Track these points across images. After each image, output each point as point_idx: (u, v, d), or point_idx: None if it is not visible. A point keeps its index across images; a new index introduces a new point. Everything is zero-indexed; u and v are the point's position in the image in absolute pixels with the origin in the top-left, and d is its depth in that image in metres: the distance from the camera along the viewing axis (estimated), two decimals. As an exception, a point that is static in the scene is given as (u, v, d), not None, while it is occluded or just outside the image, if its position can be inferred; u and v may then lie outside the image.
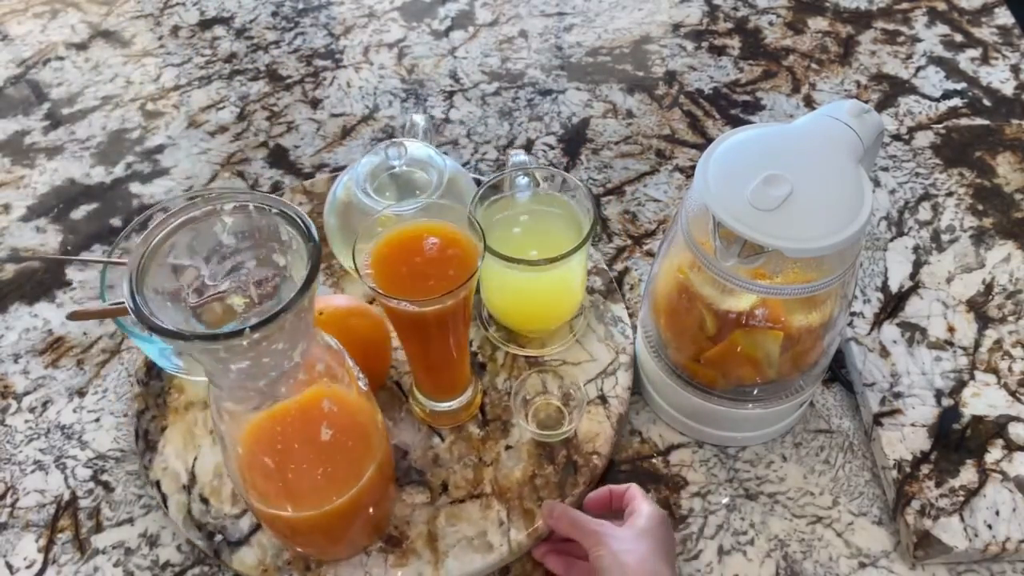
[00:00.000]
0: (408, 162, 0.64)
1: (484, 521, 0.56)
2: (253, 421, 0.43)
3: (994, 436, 0.60)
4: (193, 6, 1.02)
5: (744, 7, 0.99)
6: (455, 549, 0.55)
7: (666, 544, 0.51)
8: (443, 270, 0.50)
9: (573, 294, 0.64)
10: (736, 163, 0.50)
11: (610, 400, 0.63)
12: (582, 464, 0.59)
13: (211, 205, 0.39)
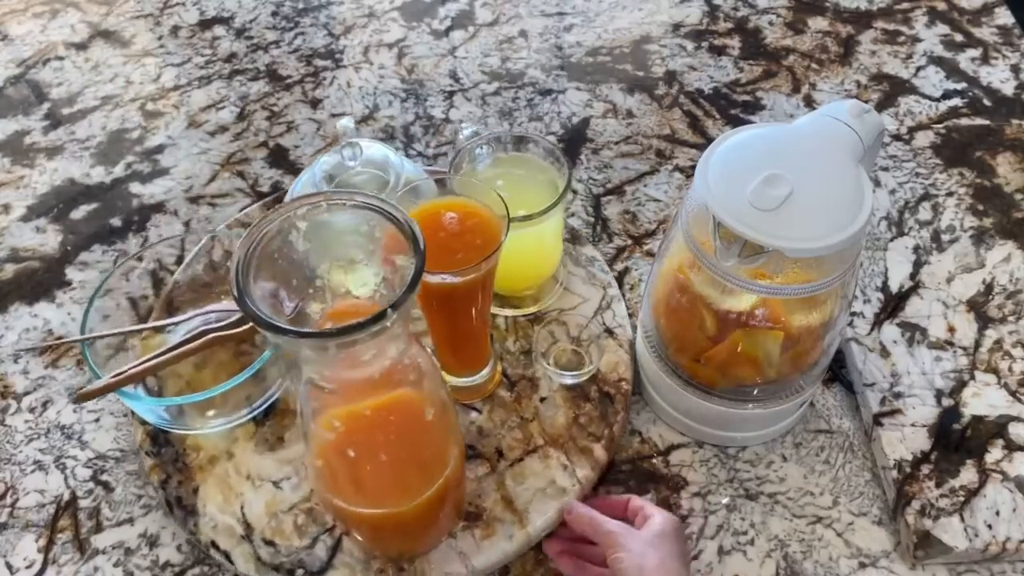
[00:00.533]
0: (364, 163, 0.64)
1: (548, 470, 0.59)
2: (348, 419, 0.44)
3: (994, 436, 0.60)
4: (193, 6, 1.02)
5: (744, 7, 0.99)
6: (532, 504, 0.57)
7: (682, 548, 0.52)
8: (469, 242, 0.52)
9: (556, 246, 0.67)
10: (736, 163, 0.50)
11: (615, 331, 0.67)
12: (615, 393, 0.63)
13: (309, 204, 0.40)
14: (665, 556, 0.50)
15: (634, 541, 0.50)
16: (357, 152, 0.63)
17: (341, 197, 0.40)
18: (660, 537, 0.51)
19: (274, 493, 0.58)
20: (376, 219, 0.39)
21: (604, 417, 0.61)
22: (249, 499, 0.58)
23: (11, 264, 0.76)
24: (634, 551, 0.50)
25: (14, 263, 0.76)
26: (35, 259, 0.76)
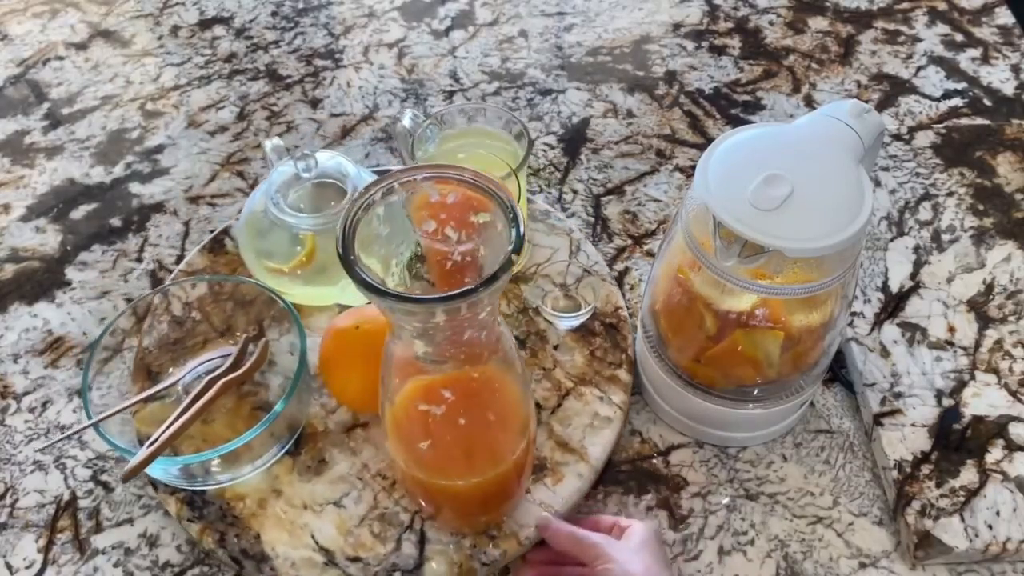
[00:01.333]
0: (320, 174, 0.64)
1: (588, 406, 0.62)
2: (456, 387, 0.46)
3: (995, 436, 0.60)
4: (193, 6, 1.02)
5: (744, 7, 0.99)
6: (586, 440, 0.60)
7: (664, 553, 0.52)
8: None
9: (522, 209, 0.68)
10: (736, 163, 0.50)
11: (593, 270, 0.69)
12: (616, 321, 0.67)
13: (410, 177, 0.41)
14: (650, 562, 0.50)
15: (619, 551, 0.50)
16: (311, 164, 0.63)
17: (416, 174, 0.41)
18: (642, 544, 0.51)
19: (338, 512, 0.57)
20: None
21: (616, 344, 0.65)
22: (316, 526, 0.57)
23: (11, 264, 0.76)
24: (620, 560, 0.49)
25: (14, 263, 0.76)
26: (35, 259, 0.76)
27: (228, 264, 0.71)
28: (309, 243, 0.64)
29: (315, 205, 0.64)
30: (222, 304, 0.64)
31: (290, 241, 0.64)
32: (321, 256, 0.64)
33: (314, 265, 0.64)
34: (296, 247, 0.64)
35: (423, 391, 0.47)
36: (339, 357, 0.60)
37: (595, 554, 0.50)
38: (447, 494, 0.52)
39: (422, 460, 0.49)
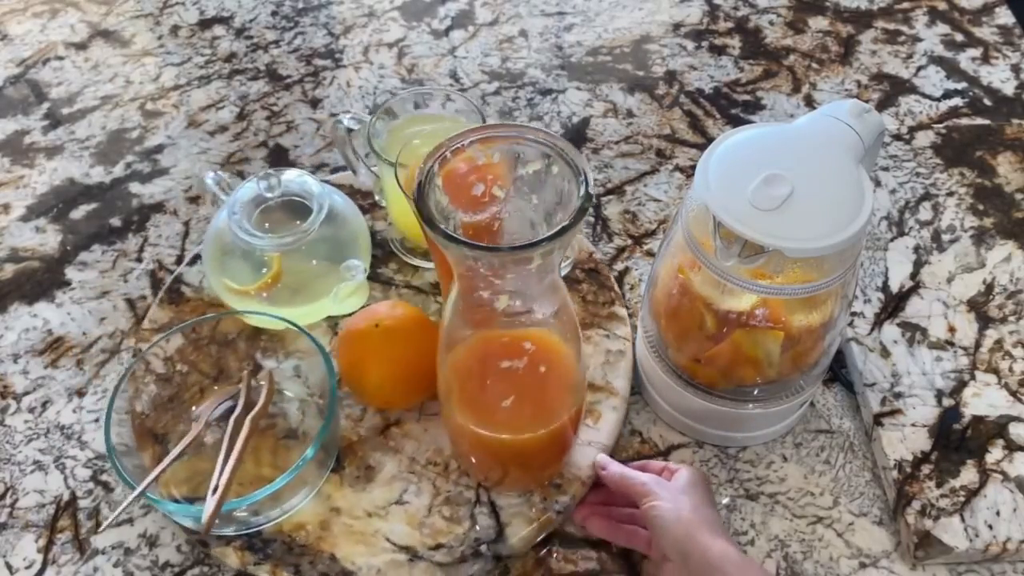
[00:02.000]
0: (285, 192, 0.63)
1: (598, 346, 0.65)
2: (537, 341, 0.49)
3: (995, 436, 0.60)
4: (193, 6, 1.02)
5: (744, 7, 0.99)
6: (608, 374, 0.63)
7: (711, 496, 0.54)
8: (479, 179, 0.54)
9: None
10: (736, 163, 0.50)
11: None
12: (594, 266, 0.70)
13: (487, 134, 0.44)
14: (698, 502, 0.51)
15: (667, 490, 0.52)
16: (275, 183, 0.63)
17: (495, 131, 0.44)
18: (691, 485, 0.52)
19: (404, 509, 0.57)
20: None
21: (602, 285, 0.69)
22: (387, 529, 0.56)
23: (11, 264, 0.76)
24: (668, 499, 0.51)
25: (14, 263, 0.76)
26: (35, 259, 0.76)
27: (193, 310, 0.69)
28: (275, 264, 0.63)
29: (281, 224, 0.63)
30: (205, 350, 0.61)
31: (255, 262, 0.63)
32: (288, 277, 0.63)
33: (281, 286, 0.63)
34: (262, 268, 0.63)
35: (503, 348, 0.50)
36: (367, 358, 0.59)
37: (645, 492, 0.52)
38: (518, 451, 0.53)
39: (500, 418, 0.51)
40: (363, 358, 0.59)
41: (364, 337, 0.59)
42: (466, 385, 0.51)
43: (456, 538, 0.56)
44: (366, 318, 0.60)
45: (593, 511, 0.57)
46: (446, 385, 0.52)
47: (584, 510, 0.58)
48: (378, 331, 0.59)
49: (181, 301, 0.69)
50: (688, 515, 0.50)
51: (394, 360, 0.59)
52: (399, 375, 0.59)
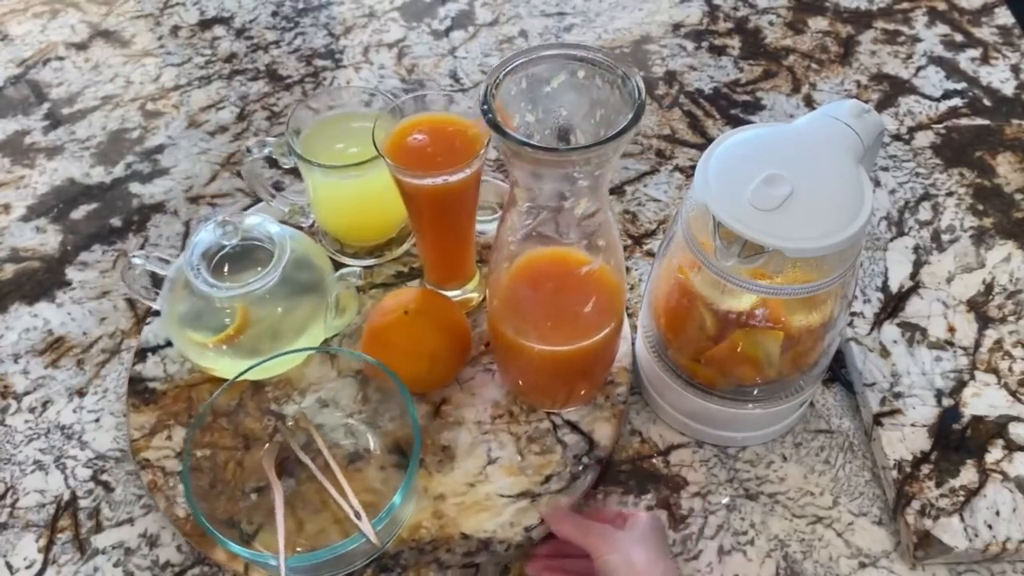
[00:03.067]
0: (245, 237, 0.59)
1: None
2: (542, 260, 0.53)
3: (994, 436, 0.60)
4: (193, 6, 1.02)
5: (744, 7, 0.99)
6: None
7: (665, 544, 0.52)
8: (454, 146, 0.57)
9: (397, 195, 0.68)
10: (736, 163, 0.50)
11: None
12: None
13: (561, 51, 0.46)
14: (653, 555, 0.50)
15: (621, 541, 0.50)
16: (231, 231, 0.59)
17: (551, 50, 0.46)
18: (646, 535, 0.51)
19: (499, 465, 0.60)
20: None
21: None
22: (495, 487, 0.59)
23: (11, 264, 0.76)
24: (622, 551, 0.49)
25: (14, 263, 0.76)
26: (35, 259, 0.76)
27: (175, 399, 0.63)
28: (239, 314, 0.60)
29: (244, 270, 0.59)
30: (217, 426, 0.57)
31: (218, 313, 0.60)
32: (253, 327, 0.60)
33: (246, 337, 0.60)
34: (225, 319, 0.60)
35: (559, 266, 0.53)
36: (405, 346, 0.59)
37: (597, 545, 0.50)
38: (579, 360, 0.57)
39: (562, 332, 0.55)
40: (401, 347, 0.59)
41: (397, 326, 0.60)
42: (526, 307, 0.55)
43: (558, 463, 0.59)
44: (393, 308, 0.61)
45: (547, 565, 0.56)
46: (506, 312, 0.56)
47: (537, 564, 0.56)
48: (408, 318, 0.60)
49: (157, 398, 0.64)
50: (641, 568, 0.48)
51: (429, 344, 0.60)
52: (436, 358, 0.60)
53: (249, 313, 0.60)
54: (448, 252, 0.65)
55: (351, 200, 0.68)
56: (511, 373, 0.62)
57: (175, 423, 0.62)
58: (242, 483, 0.58)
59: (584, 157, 0.44)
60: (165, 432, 0.61)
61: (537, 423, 0.62)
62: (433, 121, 0.59)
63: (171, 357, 0.66)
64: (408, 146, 0.58)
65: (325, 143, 0.66)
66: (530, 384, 0.61)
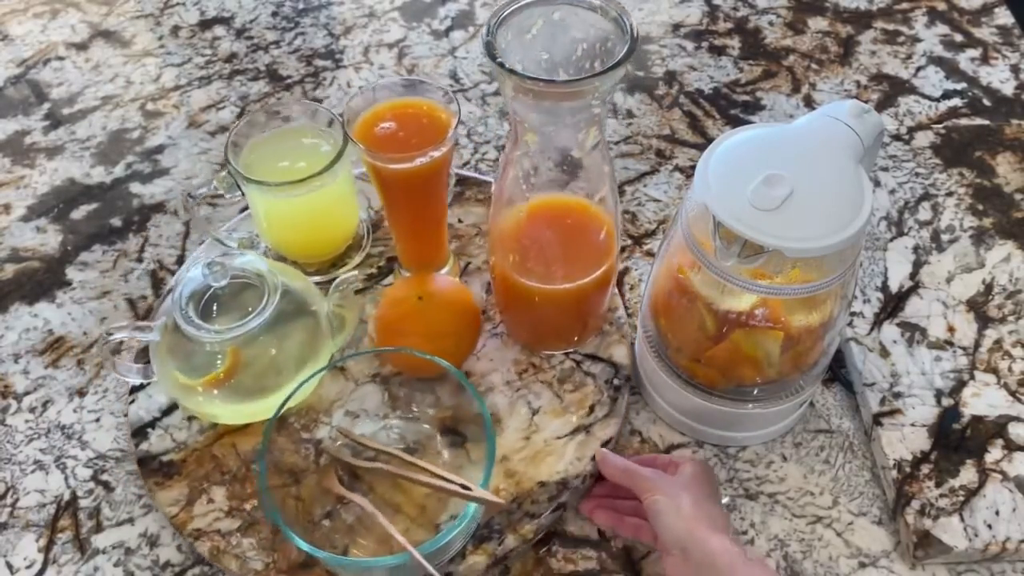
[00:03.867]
0: (234, 276, 0.58)
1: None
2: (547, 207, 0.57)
3: (994, 436, 0.60)
4: (193, 6, 1.02)
5: (744, 7, 0.99)
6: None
7: (714, 489, 0.54)
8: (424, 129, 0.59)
9: (352, 196, 0.69)
10: (736, 163, 0.50)
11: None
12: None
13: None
14: (700, 496, 0.51)
15: (669, 485, 0.52)
16: (219, 272, 0.57)
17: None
18: (693, 479, 0.53)
19: (541, 412, 0.63)
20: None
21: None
22: (548, 432, 0.61)
23: (11, 264, 0.76)
24: (670, 493, 0.51)
25: (14, 263, 0.76)
26: (35, 259, 0.76)
27: (198, 462, 0.61)
28: (229, 356, 0.58)
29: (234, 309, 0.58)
30: (281, 454, 0.56)
31: (208, 355, 0.58)
32: (245, 369, 0.58)
33: (237, 379, 0.58)
34: (216, 360, 0.58)
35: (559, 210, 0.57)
36: (426, 331, 0.60)
37: (646, 487, 0.52)
38: (580, 298, 0.60)
39: (562, 268, 0.58)
40: (417, 333, 0.60)
41: (412, 314, 0.61)
42: (534, 252, 0.58)
43: (594, 392, 0.63)
44: (401, 297, 0.62)
45: (599, 503, 0.58)
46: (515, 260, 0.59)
47: (590, 503, 0.58)
48: (422, 303, 0.61)
49: (179, 468, 0.61)
50: (688, 510, 0.50)
51: (449, 324, 0.61)
52: (460, 335, 0.61)
53: (242, 354, 0.58)
54: (423, 236, 0.67)
55: (304, 217, 0.67)
56: (522, 325, 0.66)
57: (210, 484, 0.59)
58: (309, 514, 0.57)
59: (591, 87, 0.46)
60: (204, 497, 0.59)
61: (560, 366, 0.65)
62: (401, 106, 0.61)
63: (174, 425, 0.63)
64: (378, 133, 0.59)
65: (267, 163, 0.65)
66: (543, 330, 0.65)
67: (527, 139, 0.52)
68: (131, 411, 0.64)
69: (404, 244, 0.68)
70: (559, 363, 0.65)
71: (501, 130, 0.85)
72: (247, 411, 0.60)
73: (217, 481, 0.60)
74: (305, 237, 0.70)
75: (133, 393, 0.64)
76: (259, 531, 0.57)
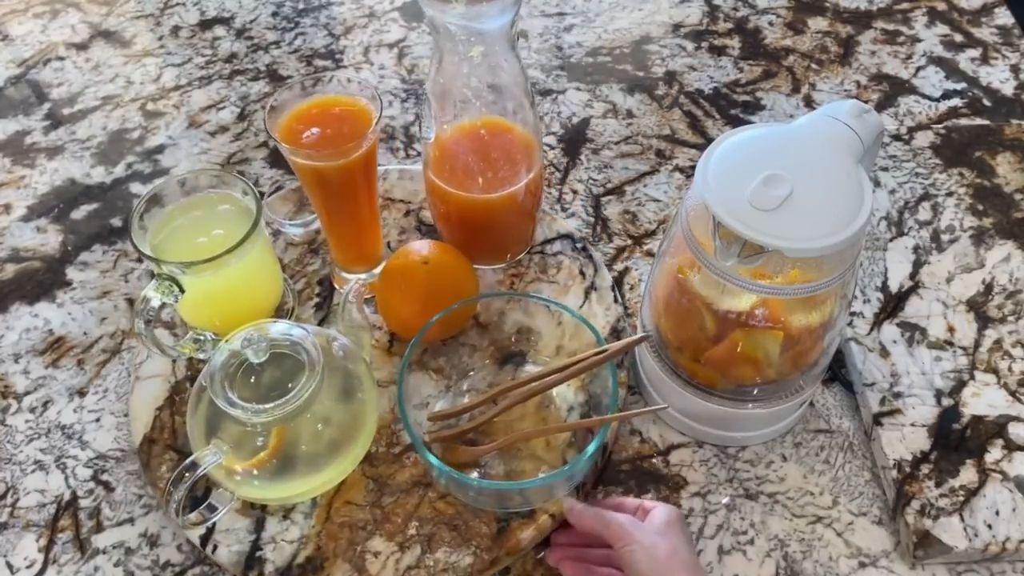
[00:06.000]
0: (273, 347, 0.54)
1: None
2: (466, 130, 0.62)
3: (994, 436, 0.60)
4: (193, 6, 1.02)
5: (744, 7, 0.99)
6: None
7: (688, 536, 0.52)
8: (339, 130, 0.60)
9: (274, 265, 0.67)
10: (736, 163, 0.50)
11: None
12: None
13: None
14: (675, 544, 0.50)
15: (643, 532, 0.50)
16: (260, 348, 0.53)
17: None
18: (667, 526, 0.51)
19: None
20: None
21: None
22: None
23: (11, 264, 0.76)
24: (644, 542, 0.49)
25: (14, 263, 0.76)
26: (35, 259, 0.76)
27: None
28: (274, 436, 0.54)
29: (269, 384, 0.54)
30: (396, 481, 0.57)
31: (248, 435, 0.54)
32: (287, 448, 0.54)
33: (278, 460, 0.54)
34: (257, 440, 0.54)
35: (479, 124, 0.62)
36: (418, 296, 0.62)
37: (620, 535, 0.50)
38: (498, 213, 0.65)
39: (475, 180, 0.63)
40: (414, 295, 0.62)
41: (413, 275, 0.63)
42: (463, 165, 0.63)
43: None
44: (408, 256, 0.64)
45: (566, 554, 0.55)
46: (447, 173, 0.63)
47: (557, 553, 0.56)
48: (427, 268, 0.63)
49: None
50: (664, 559, 0.48)
51: (442, 293, 0.62)
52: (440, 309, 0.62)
53: (284, 437, 0.54)
54: (356, 231, 0.67)
55: (222, 292, 0.62)
56: (458, 235, 0.69)
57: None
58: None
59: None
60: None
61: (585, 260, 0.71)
62: (322, 104, 0.61)
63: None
64: (301, 133, 0.60)
65: (177, 242, 0.60)
66: (476, 243, 0.68)
67: (446, 62, 0.57)
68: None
69: (336, 241, 0.68)
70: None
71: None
72: (299, 489, 0.55)
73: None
74: (225, 311, 0.63)
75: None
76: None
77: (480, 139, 0.63)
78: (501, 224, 0.68)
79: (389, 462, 0.60)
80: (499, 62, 0.58)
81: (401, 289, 0.64)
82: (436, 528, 0.57)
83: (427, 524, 0.57)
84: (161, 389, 0.65)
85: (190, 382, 0.65)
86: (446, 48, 0.56)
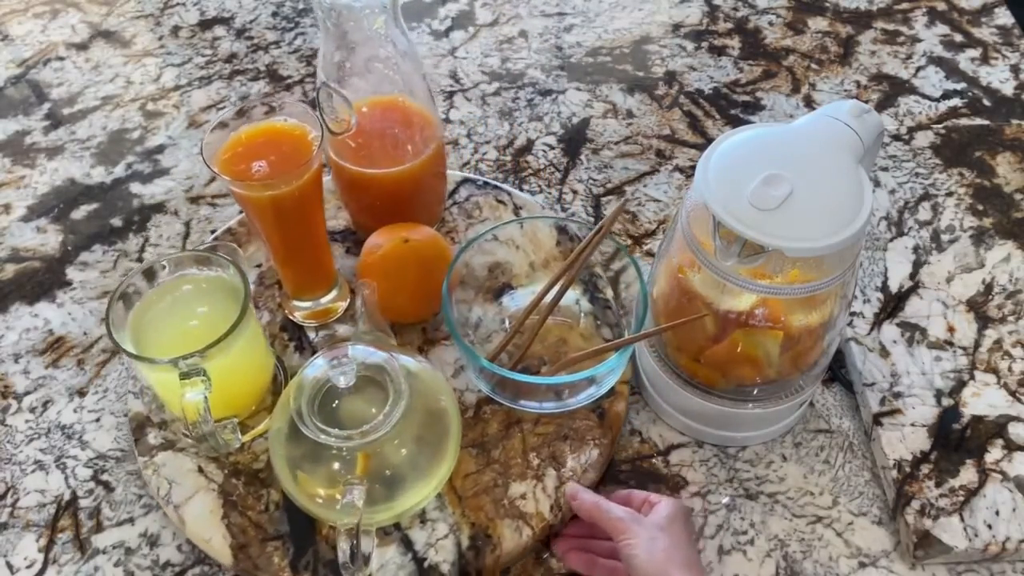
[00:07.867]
0: (360, 370, 0.53)
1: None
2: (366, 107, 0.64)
3: (994, 436, 0.60)
4: (193, 6, 1.02)
5: (744, 7, 0.99)
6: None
7: (690, 532, 0.52)
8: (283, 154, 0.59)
9: (265, 348, 0.62)
10: (736, 163, 0.50)
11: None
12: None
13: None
14: (675, 540, 0.49)
15: (643, 527, 0.50)
16: (349, 371, 0.52)
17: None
18: (668, 521, 0.51)
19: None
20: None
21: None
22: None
23: (11, 264, 0.76)
24: (644, 536, 0.49)
25: (14, 263, 0.76)
26: (35, 259, 0.76)
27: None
28: (360, 461, 0.52)
29: (353, 408, 0.53)
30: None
31: (335, 460, 0.52)
32: (375, 473, 0.53)
33: (370, 480, 0.52)
34: (344, 468, 0.52)
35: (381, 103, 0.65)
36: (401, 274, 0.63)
37: (619, 528, 0.50)
38: (404, 190, 0.67)
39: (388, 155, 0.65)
40: (397, 274, 0.63)
41: (394, 254, 0.63)
42: (363, 143, 0.64)
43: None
44: (388, 236, 0.64)
45: (572, 545, 0.56)
46: (349, 152, 0.65)
47: (564, 544, 0.56)
48: (408, 247, 0.63)
49: None
50: (662, 554, 0.48)
51: (428, 272, 0.63)
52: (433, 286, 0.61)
53: (371, 462, 0.53)
54: (305, 259, 0.65)
55: (237, 365, 0.57)
56: (361, 211, 0.71)
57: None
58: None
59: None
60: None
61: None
62: (262, 131, 0.59)
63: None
64: (243, 163, 0.57)
65: (156, 333, 0.56)
66: (378, 217, 0.68)
67: (331, 44, 0.60)
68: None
69: (286, 271, 0.65)
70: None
71: (501, 130, 0.85)
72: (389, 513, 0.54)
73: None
74: (234, 391, 0.59)
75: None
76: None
77: (378, 115, 0.65)
78: (419, 190, 0.69)
79: (472, 427, 0.62)
80: (384, 37, 0.60)
81: (389, 277, 0.63)
82: (551, 447, 0.60)
83: (542, 449, 0.60)
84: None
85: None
86: (331, 31, 0.59)
